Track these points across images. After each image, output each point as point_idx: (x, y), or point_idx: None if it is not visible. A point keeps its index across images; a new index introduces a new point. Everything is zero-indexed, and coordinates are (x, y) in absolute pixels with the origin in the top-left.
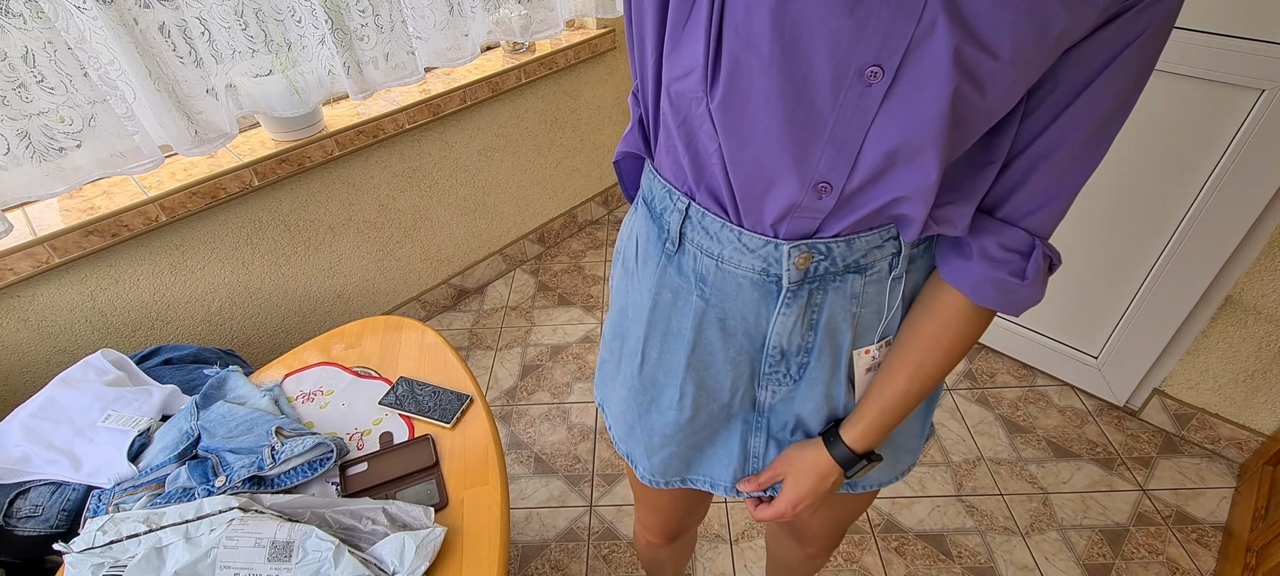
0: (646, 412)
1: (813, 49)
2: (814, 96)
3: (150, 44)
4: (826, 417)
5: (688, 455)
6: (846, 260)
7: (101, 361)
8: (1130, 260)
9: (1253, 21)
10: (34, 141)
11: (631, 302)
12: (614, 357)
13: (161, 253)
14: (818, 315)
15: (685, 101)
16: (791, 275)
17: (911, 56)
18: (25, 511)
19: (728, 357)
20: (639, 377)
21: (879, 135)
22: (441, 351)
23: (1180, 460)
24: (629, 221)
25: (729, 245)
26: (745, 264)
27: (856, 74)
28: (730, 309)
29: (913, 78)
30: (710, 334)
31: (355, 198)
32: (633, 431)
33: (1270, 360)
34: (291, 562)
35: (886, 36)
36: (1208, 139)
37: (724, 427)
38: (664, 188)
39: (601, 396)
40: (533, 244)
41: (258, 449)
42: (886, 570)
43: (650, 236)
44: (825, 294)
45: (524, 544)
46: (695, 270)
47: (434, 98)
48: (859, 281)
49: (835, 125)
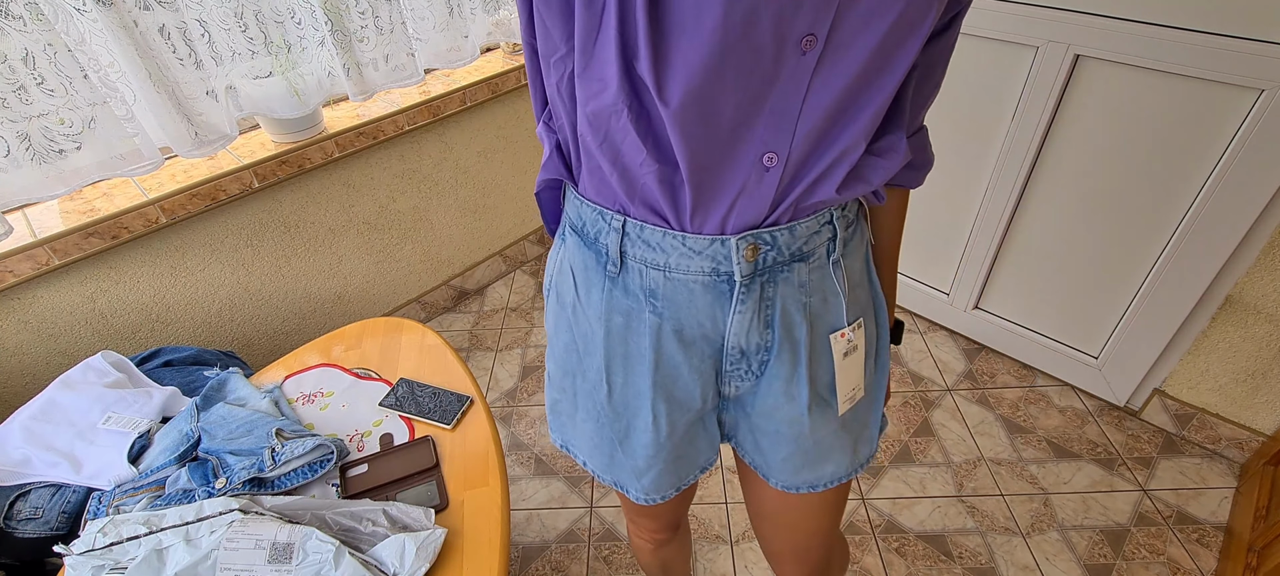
0: (625, 439)
1: (760, 28)
2: (761, 72)
3: (150, 46)
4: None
5: (675, 465)
6: (790, 248)
7: (102, 363)
8: (1130, 260)
9: (1253, 21)
10: (34, 144)
11: (580, 335)
12: (568, 395)
13: (162, 254)
14: (772, 310)
15: (603, 118)
16: (742, 268)
17: (840, 21)
18: (25, 513)
19: (692, 366)
20: (609, 407)
21: (816, 98)
22: (441, 353)
23: (1181, 460)
24: (556, 254)
25: (674, 253)
26: (694, 267)
27: (794, 44)
28: (685, 317)
29: (840, 40)
30: (670, 347)
31: (355, 199)
32: (613, 460)
33: (1270, 360)
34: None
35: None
36: (1208, 139)
37: (700, 425)
38: (594, 210)
39: (562, 438)
40: (533, 245)
41: (258, 450)
42: (887, 570)
43: (588, 263)
44: (775, 286)
45: (524, 545)
46: (643, 286)
47: (434, 99)
48: (804, 269)
49: (775, 96)
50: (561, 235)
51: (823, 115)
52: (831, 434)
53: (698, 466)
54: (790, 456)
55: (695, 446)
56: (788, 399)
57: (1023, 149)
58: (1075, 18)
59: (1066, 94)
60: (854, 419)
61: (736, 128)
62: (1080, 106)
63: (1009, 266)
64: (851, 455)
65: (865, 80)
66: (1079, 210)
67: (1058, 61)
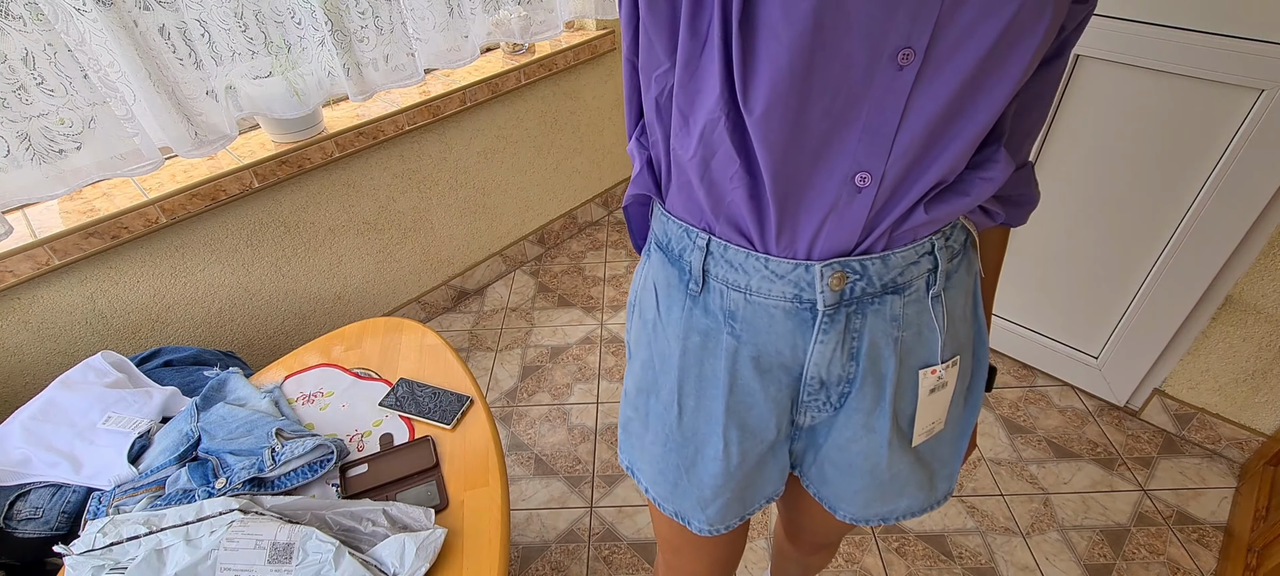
0: (692, 466)
1: (848, 38)
2: (850, 86)
3: (150, 46)
4: (865, 451)
5: (743, 494)
6: (883, 279)
7: (102, 363)
8: (1130, 260)
9: (1253, 21)
10: (34, 144)
11: (657, 353)
12: (640, 415)
13: (162, 254)
14: (858, 342)
15: (700, 127)
16: (826, 298)
17: (941, 33)
18: (25, 513)
19: (768, 395)
20: (678, 430)
21: (914, 117)
22: (441, 353)
23: (1181, 460)
24: (642, 270)
25: (756, 275)
26: (775, 292)
27: (889, 58)
28: (764, 343)
29: (941, 54)
30: (746, 374)
31: (355, 199)
32: (678, 487)
33: (1270, 360)
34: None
35: (914, 17)
36: (1208, 139)
37: (771, 455)
38: (680, 227)
39: (629, 459)
40: (533, 245)
41: (258, 450)
42: (887, 571)
43: (671, 281)
44: (864, 318)
45: (524, 545)
46: (723, 307)
47: (434, 99)
48: (898, 302)
49: (869, 112)
50: (647, 252)
51: (922, 135)
52: (908, 467)
53: (764, 496)
54: (863, 489)
55: (764, 475)
56: (867, 431)
57: None
58: None
59: (1066, 94)
60: (933, 452)
61: (825, 143)
62: (1080, 106)
63: (1009, 266)
64: (928, 491)
65: (968, 98)
66: (1079, 210)
67: None
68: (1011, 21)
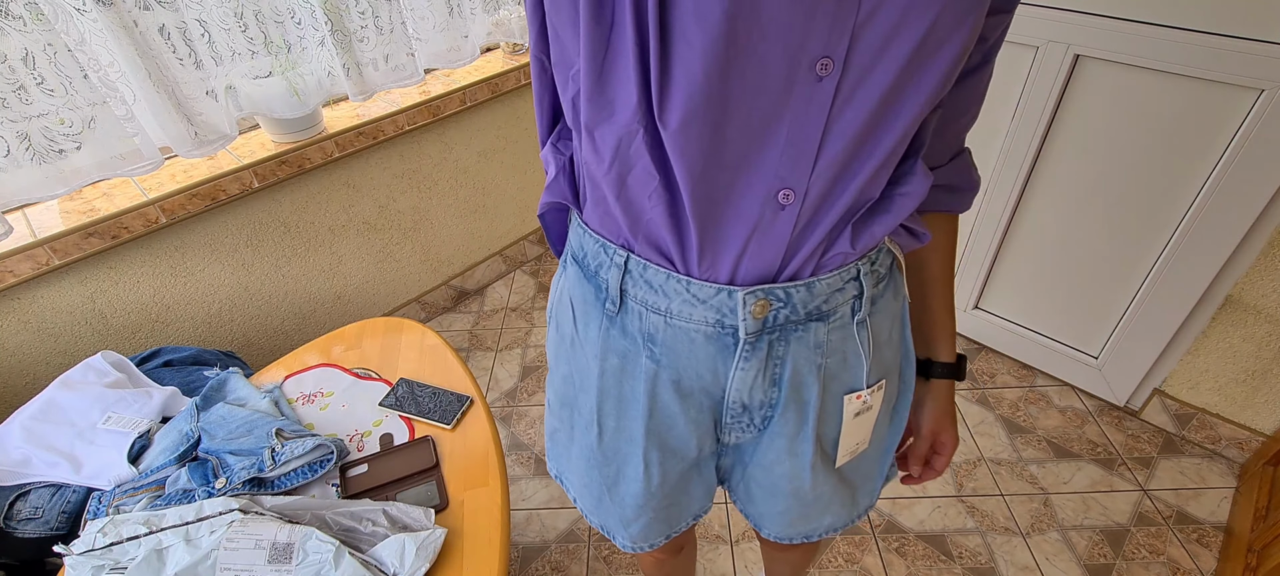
0: (614, 485)
1: (764, 44)
2: (770, 97)
3: (150, 46)
4: (788, 473)
5: (666, 513)
6: (808, 307)
7: (102, 363)
8: (1130, 260)
9: (1253, 21)
10: (34, 144)
11: (577, 370)
12: (565, 427)
13: (162, 254)
14: (780, 369)
15: (614, 140)
16: (748, 325)
17: (858, 42)
18: (25, 513)
19: (689, 417)
20: (599, 450)
21: (838, 128)
22: (441, 353)
23: (1181, 460)
24: (559, 280)
25: (677, 298)
26: (697, 316)
27: (808, 68)
28: (684, 368)
29: (860, 63)
30: (666, 397)
31: (355, 199)
32: (601, 503)
33: (1270, 360)
34: (292, 564)
35: (831, 25)
36: (1208, 139)
37: (695, 473)
38: (597, 243)
39: (557, 468)
40: (533, 245)
41: (258, 451)
42: (887, 571)
43: (588, 298)
44: (787, 345)
45: (524, 545)
46: (641, 330)
47: (434, 99)
48: (822, 329)
49: (791, 124)
50: (564, 262)
51: (845, 148)
52: (831, 488)
53: (690, 514)
54: (786, 510)
55: (688, 494)
56: (790, 455)
57: (1023, 148)
58: (1075, 17)
59: (1066, 94)
60: (855, 469)
61: (746, 158)
62: (1080, 106)
63: (1009, 266)
64: (851, 506)
65: (889, 108)
66: (1079, 210)
67: (1058, 61)
68: (930, 31)
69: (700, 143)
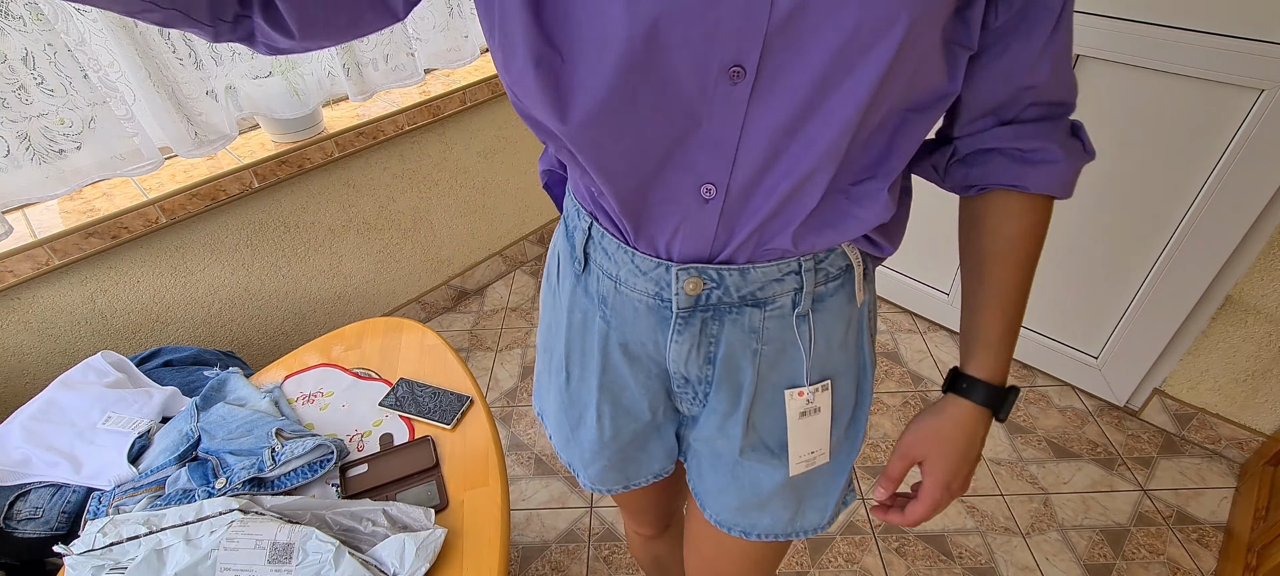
0: (577, 428)
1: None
2: (684, 102)
3: (150, 46)
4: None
5: (622, 465)
6: (742, 291)
7: (101, 363)
8: (1130, 260)
9: (1253, 21)
10: (34, 144)
11: (554, 319)
12: (546, 370)
13: (162, 254)
14: (714, 347)
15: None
16: (681, 300)
17: (771, 51)
18: (25, 513)
19: (638, 382)
20: (567, 393)
21: (756, 128)
22: (441, 353)
23: (1181, 460)
24: (555, 236)
25: (624, 267)
26: (640, 287)
27: (720, 74)
28: (629, 333)
29: (775, 71)
30: (616, 358)
31: (355, 199)
32: (568, 444)
33: (1270, 360)
34: (292, 564)
35: (740, 40)
36: (1208, 139)
37: (655, 435)
38: (574, 206)
39: (540, 406)
40: (533, 245)
41: (258, 450)
42: (887, 570)
43: (566, 255)
44: (721, 325)
45: (524, 545)
46: (598, 291)
47: (434, 99)
48: (758, 315)
49: (708, 126)
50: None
51: (764, 147)
52: (774, 488)
53: (650, 472)
54: (724, 490)
55: (646, 453)
56: (721, 433)
57: None
58: (1075, 17)
59: None
60: (805, 481)
61: (667, 156)
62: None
63: None
64: (793, 516)
65: (813, 110)
66: (1079, 210)
67: None
68: (852, 37)
69: (615, 142)
